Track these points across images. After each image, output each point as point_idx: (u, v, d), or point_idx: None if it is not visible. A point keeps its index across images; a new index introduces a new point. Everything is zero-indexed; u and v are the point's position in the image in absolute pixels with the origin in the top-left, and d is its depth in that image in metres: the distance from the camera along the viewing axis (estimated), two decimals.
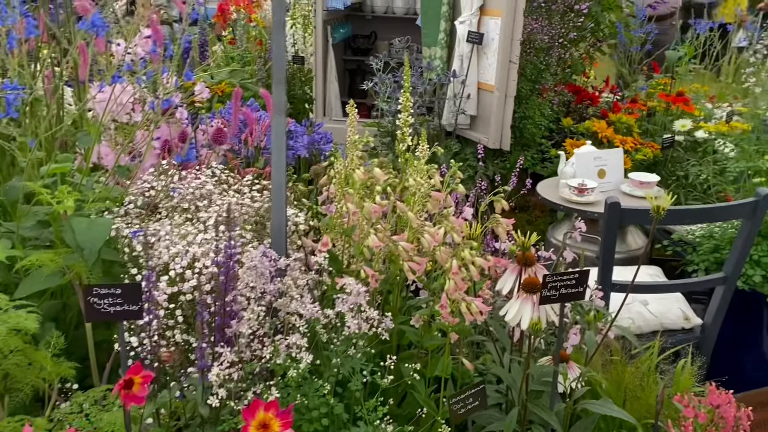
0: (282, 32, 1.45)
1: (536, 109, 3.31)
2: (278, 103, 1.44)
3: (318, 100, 3.80)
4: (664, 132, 3.33)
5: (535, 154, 3.35)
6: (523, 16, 3.01)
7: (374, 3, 4.76)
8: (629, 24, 3.66)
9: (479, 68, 3.27)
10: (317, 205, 1.95)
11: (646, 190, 2.61)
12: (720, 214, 1.93)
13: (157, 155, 2.14)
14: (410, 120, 1.84)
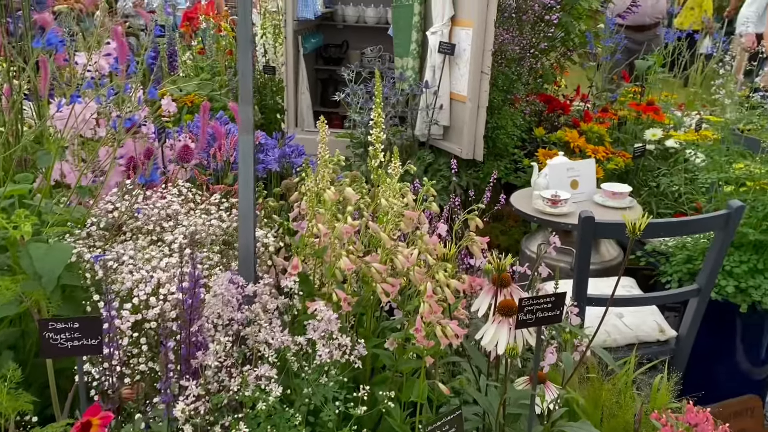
0: (248, 48, 1.40)
1: (508, 119, 3.31)
2: (245, 121, 1.40)
3: (289, 111, 3.75)
4: (635, 141, 3.35)
5: (509, 164, 3.34)
6: (495, 26, 3.01)
7: (345, 13, 4.74)
8: (599, 34, 3.68)
9: (451, 79, 3.26)
10: (288, 221, 1.90)
11: (618, 200, 2.61)
12: (693, 227, 1.93)
13: (122, 172, 2.08)
14: (382, 135, 1.80)
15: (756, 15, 4.42)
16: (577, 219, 2.48)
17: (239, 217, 1.32)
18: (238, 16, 1.42)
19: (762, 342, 2.29)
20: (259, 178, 2.80)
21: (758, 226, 2.14)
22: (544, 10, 3.20)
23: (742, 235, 2.13)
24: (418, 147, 3.43)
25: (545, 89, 3.97)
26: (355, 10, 4.74)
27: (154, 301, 1.29)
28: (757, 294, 2.10)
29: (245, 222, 1.30)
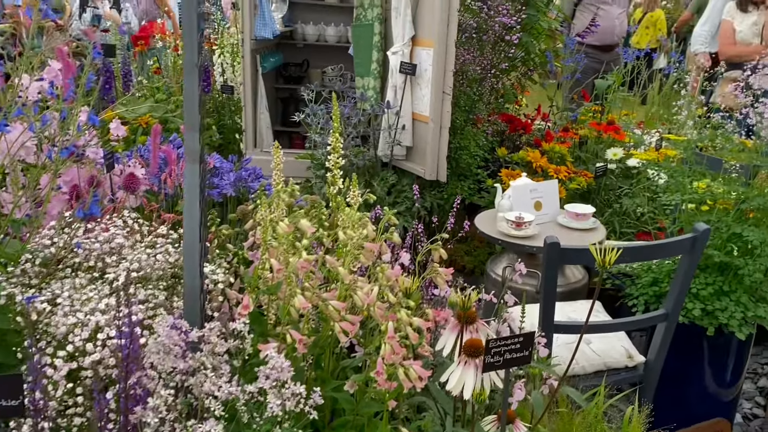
0: (194, 71, 1.31)
1: (471, 139, 3.26)
2: (192, 151, 1.30)
3: (248, 132, 3.64)
4: (596, 160, 3.33)
5: (472, 184, 3.30)
6: (456, 46, 2.96)
7: (306, 31, 4.66)
8: (559, 53, 3.68)
9: (413, 99, 3.20)
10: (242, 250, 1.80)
11: (582, 221, 2.57)
12: (659, 252, 1.89)
13: (65, 201, 1.95)
14: (341, 161, 1.72)
15: (709, 34, 4.49)
16: (542, 242, 2.45)
17: (184, 256, 1.21)
18: (184, 36, 1.32)
19: (729, 364, 2.26)
20: (215, 203, 2.69)
21: (722, 248, 2.12)
22: (504, 30, 3.17)
23: (707, 257, 2.10)
24: (381, 168, 3.36)
25: (507, 109, 3.95)
26: (315, 29, 4.67)
27: (91, 347, 1.17)
28: (723, 316, 2.07)
29: (190, 261, 1.20)
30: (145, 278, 1.53)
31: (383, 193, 3.17)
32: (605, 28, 4.27)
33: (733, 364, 2.29)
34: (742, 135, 2.43)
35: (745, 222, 2.09)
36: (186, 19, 1.31)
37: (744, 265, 2.04)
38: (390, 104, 3.21)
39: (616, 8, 4.42)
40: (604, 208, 3.18)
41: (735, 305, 2.08)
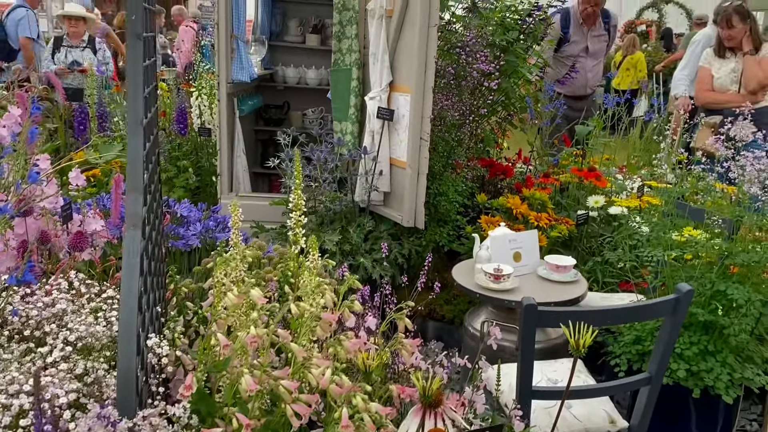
0: (139, 132, 1.21)
1: (450, 185, 3.18)
2: (133, 214, 1.19)
3: (223, 176, 3.54)
4: (577, 206, 3.26)
5: (451, 230, 3.20)
6: (434, 92, 2.90)
7: (286, 74, 4.61)
8: (539, 99, 3.64)
9: (391, 144, 3.13)
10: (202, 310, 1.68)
11: (563, 274, 2.47)
12: (640, 314, 1.79)
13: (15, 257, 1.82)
14: (303, 220, 1.62)
15: (688, 78, 4.48)
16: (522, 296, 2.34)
17: (119, 335, 1.09)
18: (129, 92, 1.22)
19: (717, 426, 2.15)
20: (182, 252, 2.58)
21: (707, 306, 2.02)
22: (483, 77, 3.12)
23: (691, 315, 2.00)
24: (358, 213, 3.26)
25: (487, 152, 3.88)
26: (295, 71, 4.62)
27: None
28: (709, 378, 1.96)
29: (126, 341, 1.08)
30: (87, 348, 1.40)
31: (359, 240, 3.06)
32: (579, 79, 4.27)
33: (721, 425, 2.18)
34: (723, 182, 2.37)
35: (729, 279, 2.00)
36: (131, 73, 1.22)
37: (729, 324, 1.94)
38: (367, 149, 3.13)
39: (591, 60, 4.42)
40: (586, 256, 3.09)
41: (721, 366, 1.97)
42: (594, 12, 4.33)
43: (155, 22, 1.43)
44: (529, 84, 3.67)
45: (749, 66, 4.03)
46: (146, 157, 1.30)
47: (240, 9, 3.48)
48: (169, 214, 2.38)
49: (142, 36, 1.21)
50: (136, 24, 1.21)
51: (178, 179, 3.88)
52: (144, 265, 1.22)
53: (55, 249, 1.95)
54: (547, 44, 3.97)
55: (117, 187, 2.17)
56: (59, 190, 2.16)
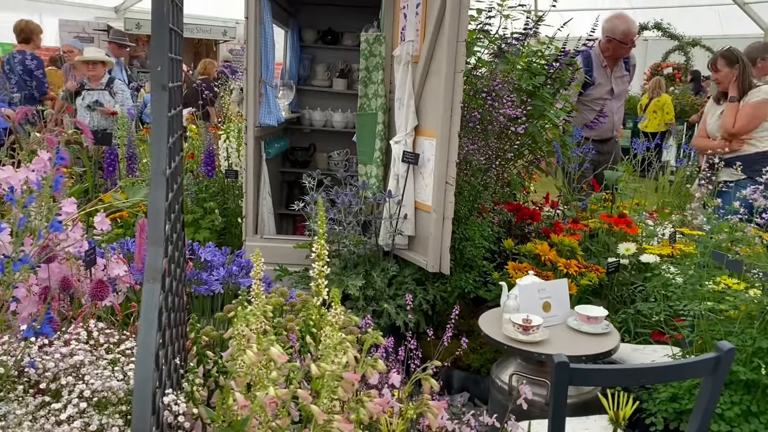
0: (162, 183, 1.18)
1: (476, 230, 3.12)
2: (153, 268, 1.15)
3: (248, 219, 3.53)
4: (608, 253, 3.16)
5: (477, 276, 3.13)
6: (459, 137, 2.87)
7: (313, 117, 4.65)
8: (566, 143, 3.59)
9: (416, 188, 3.09)
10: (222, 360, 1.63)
11: (594, 325, 2.38)
12: (677, 373, 1.69)
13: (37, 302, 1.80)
14: (326, 270, 1.57)
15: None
16: (552, 349, 2.25)
17: (134, 393, 1.04)
18: (153, 142, 1.20)
19: None
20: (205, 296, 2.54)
21: (748, 363, 1.91)
22: (509, 121, 3.09)
23: (732, 373, 1.90)
24: (382, 257, 3.21)
25: (514, 196, 3.83)
26: (322, 114, 4.65)
27: None
28: None
29: (141, 401, 1.03)
30: (103, 402, 1.36)
31: (383, 285, 3.00)
32: (606, 122, 4.22)
33: None
34: None
35: None
36: (156, 124, 1.20)
37: None
38: (392, 193, 3.10)
39: (616, 102, 4.38)
40: (617, 305, 2.99)
41: (765, 428, 1.85)
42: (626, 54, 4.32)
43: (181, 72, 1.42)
44: (556, 128, 3.62)
45: (726, 113, 3.97)
46: (169, 208, 1.27)
47: (268, 55, 3.52)
48: (192, 260, 2.36)
49: (168, 87, 1.20)
50: (162, 75, 1.19)
51: (204, 220, 3.88)
52: (163, 319, 1.19)
53: (77, 294, 1.93)
54: (575, 88, 3.94)
55: (141, 231, 2.15)
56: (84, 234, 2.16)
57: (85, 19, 10.57)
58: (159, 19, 1.19)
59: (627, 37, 4.24)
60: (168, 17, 1.22)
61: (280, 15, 4.18)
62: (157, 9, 1.19)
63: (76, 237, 1.95)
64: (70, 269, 1.98)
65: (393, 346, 1.74)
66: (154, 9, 1.20)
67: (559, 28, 3.65)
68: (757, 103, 3.85)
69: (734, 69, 3.96)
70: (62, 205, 1.88)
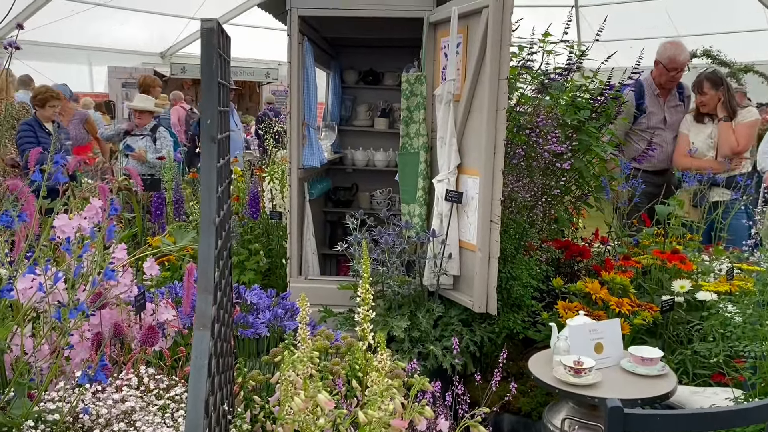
0: (211, 231, 1.24)
1: (523, 268, 3.10)
2: (203, 315, 1.20)
3: (292, 260, 3.60)
4: (661, 291, 3.10)
5: (526, 316, 3.10)
6: (503, 174, 2.89)
7: (355, 157, 4.73)
8: (614, 177, 3.56)
9: (460, 227, 3.11)
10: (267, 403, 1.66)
11: (649, 367, 2.32)
12: (742, 418, 1.64)
13: (89, 348, 1.88)
14: (371, 315, 1.60)
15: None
16: (605, 392, 2.20)
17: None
18: (202, 191, 1.27)
19: None
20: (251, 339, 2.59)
21: None
22: (554, 157, 3.09)
23: None
24: (427, 297, 3.22)
25: (561, 233, 3.80)
26: (364, 154, 4.74)
27: None
28: None
29: None
30: None
31: (428, 326, 3.00)
32: (659, 153, 4.16)
33: None
34: None
35: None
36: (204, 174, 1.26)
37: None
38: (436, 232, 3.12)
39: (669, 133, 4.32)
40: (673, 345, 2.91)
41: None
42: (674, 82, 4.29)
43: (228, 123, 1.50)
44: (603, 162, 3.60)
45: (723, 132, 4.12)
46: (218, 255, 1.32)
47: (311, 98, 3.63)
48: (239, 304, 2.42)
49: (216, 138, 1.26)
50: (212, 127, 1.26)
51: (249, 262, 3.97)
52: (212, 365, 1.23)
53: (128, 340, 2.00)
54: (621, 122, 3.92)
55: (189, 276, 2.22)
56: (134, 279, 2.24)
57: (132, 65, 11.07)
58: (209, 74, 1.27)
59: (672, 63, 4.21)
60: (217, 72, 1.29)
61: (321, 58, 4.32)
62: (206, 64, 1.26)
63: (127, 283, 2.04)
64: (120, 314, 2.06)
65: (440, 390, 1.74)
66: (204, 64, 1.28)
67: (603, 61, 3.66)
68: (752, 122, 4.14)
69: (719, 91, 4.18)
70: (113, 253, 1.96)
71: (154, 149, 5.17)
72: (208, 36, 1.25)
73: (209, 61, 1.25)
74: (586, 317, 2.54)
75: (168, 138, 5.34)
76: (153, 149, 5.16)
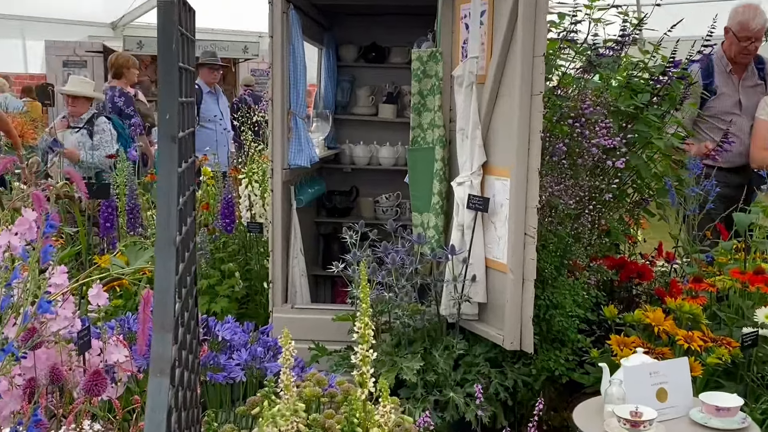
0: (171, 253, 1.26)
1: (567, 294, 3.13)
2: (160, 358, 1.22)
3: (275, 285, 3.63)
4: (741, 321, 3.11)
5: (570, 355, 3.12)
6: (540, 175, 2.91)
7: (354, 153, 4.77)
8: (682, 177, 3.57)
9: (486, 241, 3.14)
10: None
11: (725, 418, 2.34)
12: None
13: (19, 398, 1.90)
14: (371, 355, 1.61)
15: None
16: None
17: None
18: (159, 206, 1.29)
19: None
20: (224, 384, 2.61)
21: None
22: (605, 153, 3.11)
23: None
24: (445, 331, 3.24)
25: (615, 248, 3.81)
26: (366, 150, 4.77)
27: None
28: None
29: None
30: None
31: (447, 367, 3.02)
32: (735, 145, 4.13)
33: None
34: None
35: None
36: (162, 182, 1.28)
37: None
38: (456, 248, 3.14)
39: (746, 119, 4.29)
40: (757, 390, 2.91)
41: None
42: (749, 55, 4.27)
43: (194, 116, 1.52)
44: (667, 159, 3.61)
45: None
46: (179, 282, 1.34)
47: (299, 80, 3.66)
48: (208, 342, 2.44)
49: (177, 138, 1.28)
50: (171, 124, 1.28)
51: (221, 286, 3.99)
52: (173, 420, 1.24)
53: (69, 386, 2.02)
54: (689, 108, 3.93)
55: (146, 306, 2.24)
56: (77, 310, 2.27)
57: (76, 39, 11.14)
58: (167, 59, 1.29)
59: (743, 31, 4.19)
60: (177, 55, 1.31)
61: (311, 30, 4.36)
62: (165, 47, 1.28)
63: (68, 315, 2.07)
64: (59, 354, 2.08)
65: None
66: (162, 46, 1.30)
67: (667, 31, 3.67)
68: None
69: None
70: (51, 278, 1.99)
71: (91, 145, 5.18)
72: (167, 11, 1.27)
73: (168, 42, 1.27)
74: (646, 356, 2.56)
75: (109, 131, 5.35)
76: (90, 145, 5.18)
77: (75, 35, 11.44)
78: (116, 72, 6.52)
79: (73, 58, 10.34)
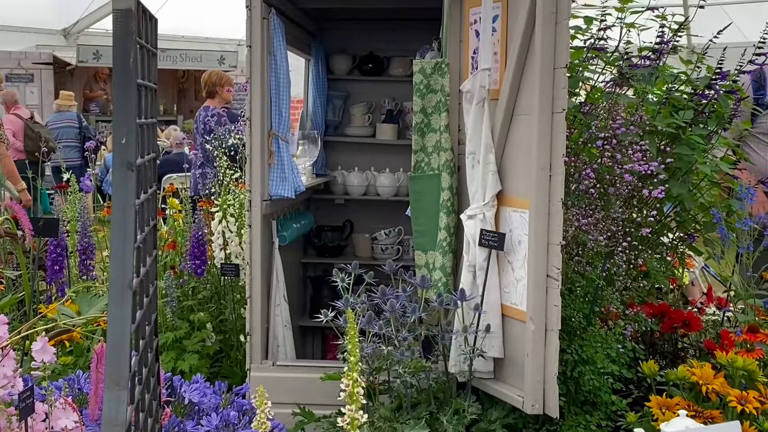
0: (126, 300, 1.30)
1: (598, 347, 3.14)
2: (112, 423, 1.25)
3: (255, 336, 3.64)
4: None
5: (603, 419, 3.13)
6: (565, 206, 2.94)
7: (348, 181, 4.80)
8: (733, 209, 3.60)
9: (502, 285, 3.16)
10: None
11: None
12: None
13: None
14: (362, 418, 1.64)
15: None
16: None
17: None
18: (112, 245, 1.32)
19: None
20: None
21: None
22: (640, 181, 3.14)
23: None
24: (455, 392, 3.25)
25: (657, 292, 3.83)
26: (361, 177, 4.80)
27: None
28: None
29: None
30: None
31: None
32: None
33: None
34: None
35: None
36: (117, 215, 1.32)
37: None
38: (466, 293, 3.16)
39: None
40: None
41: None
42: None
43: (155, 139, 1.57)
44: (715, 187, 3.65)
45: None
46: (137, 333, 1.38)
47: (282, 97, 3.70)
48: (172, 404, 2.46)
49: (135, 166, 1.33)
50: (128, 149, 1.33)
51: (190, 340, 4.01)
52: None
53: None
54: (741, 126, 3.98)
55: (99, 363, 2.28)
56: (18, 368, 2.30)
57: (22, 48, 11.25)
58: (124, 74, 1.34)
59: None
60: (136, 70, 1.36)
61: (297, 38, 4.42)
62: (121, 60, 1.33)
63: (7, 374, 2.10)
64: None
65: None
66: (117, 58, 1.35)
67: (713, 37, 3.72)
68: None
69: None
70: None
71: None
72: (123, 20, 1.32)
73: (124, 55, 1.32)
74: (692, 420, 2.56)
75: None
76: None
77: (20, 44, 11.53)
78: (209, 91, 6.92)
79: (17, 71, 10.40)
